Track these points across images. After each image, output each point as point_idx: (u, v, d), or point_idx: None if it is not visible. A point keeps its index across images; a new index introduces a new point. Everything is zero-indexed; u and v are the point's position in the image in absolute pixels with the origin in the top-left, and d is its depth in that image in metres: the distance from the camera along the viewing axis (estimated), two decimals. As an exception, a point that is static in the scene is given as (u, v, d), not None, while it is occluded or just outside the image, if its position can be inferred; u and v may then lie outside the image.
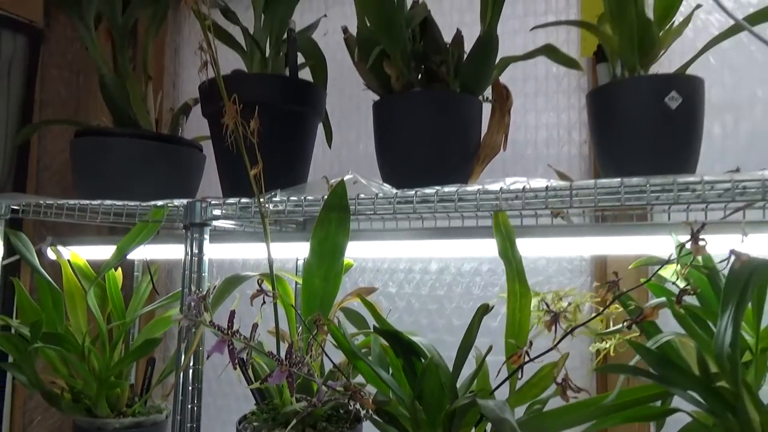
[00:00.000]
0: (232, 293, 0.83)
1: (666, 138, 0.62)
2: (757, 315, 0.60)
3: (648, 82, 0.63)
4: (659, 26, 0.64)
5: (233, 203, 0.78)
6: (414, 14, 0.74)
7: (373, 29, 0.69)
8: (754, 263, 0.51)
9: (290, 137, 0.82)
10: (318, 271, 0.73)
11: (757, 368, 0.62)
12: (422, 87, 0.73)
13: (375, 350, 0.77)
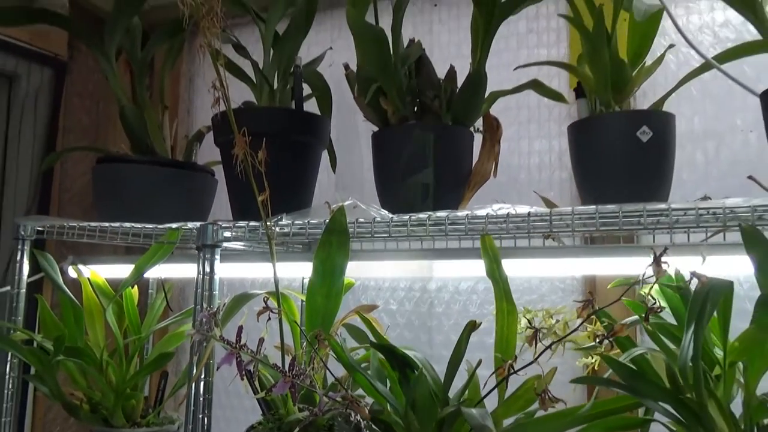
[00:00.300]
0: (240, 310, 0.88)
1: (638, 168, 0.68)
2: (724, 330, 0.64)
3: (621, 117, 0.69)
4: (632, 66, 0.69)
5: (242, 226, 0.84)
6: (409, 53, 0.81)
7: (370, 69, 0.75)
8: (712, 283, 0.56)
9: (296, 165, 0.89)
10: (320, 289, 0.79)
11: (725, 381, 0.66)
12: (417, 120, 0.79)
13: (374, 364, 0.82)
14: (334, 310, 0.81)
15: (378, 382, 0.75)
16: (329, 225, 0.75)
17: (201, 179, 1.06)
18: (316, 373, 0.79)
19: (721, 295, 0.57)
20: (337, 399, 0.70)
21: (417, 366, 0.72)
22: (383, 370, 0.80)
